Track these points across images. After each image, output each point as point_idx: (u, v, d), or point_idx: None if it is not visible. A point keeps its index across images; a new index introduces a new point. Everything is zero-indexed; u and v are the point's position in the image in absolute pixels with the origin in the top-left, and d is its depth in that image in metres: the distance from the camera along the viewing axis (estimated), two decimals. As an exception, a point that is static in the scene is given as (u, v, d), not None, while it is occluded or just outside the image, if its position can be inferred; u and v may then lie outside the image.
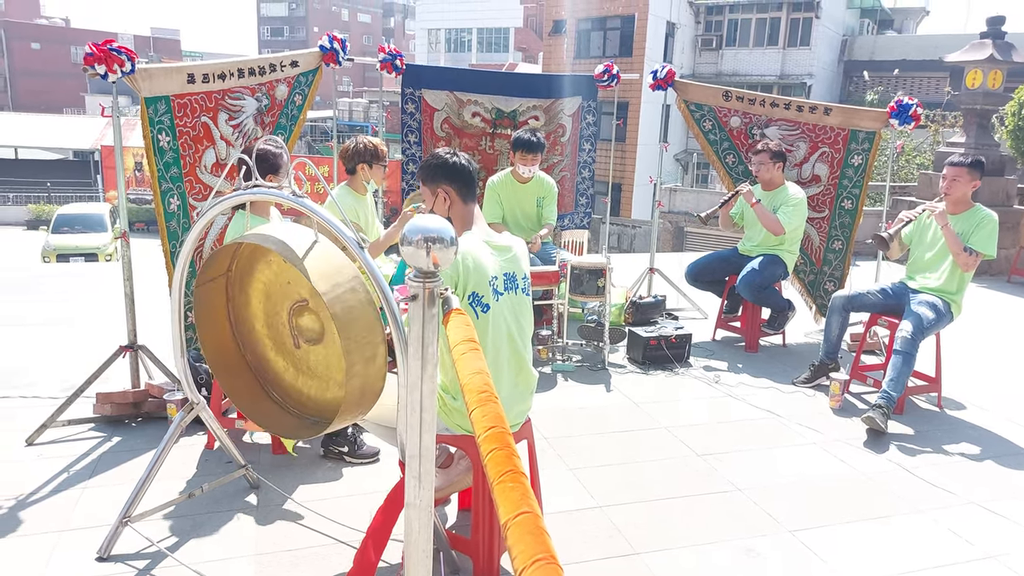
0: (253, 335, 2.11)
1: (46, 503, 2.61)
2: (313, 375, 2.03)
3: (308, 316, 1.96)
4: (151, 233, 16.45)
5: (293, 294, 1.99)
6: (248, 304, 2.10)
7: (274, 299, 2.05)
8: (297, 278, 1.98)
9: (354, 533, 2.46)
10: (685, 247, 15.29)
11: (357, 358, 1.75)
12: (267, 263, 2.05)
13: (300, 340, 1.98)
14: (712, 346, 4.78)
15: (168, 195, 3.40)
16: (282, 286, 2.01)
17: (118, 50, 3.03)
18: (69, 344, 4.37)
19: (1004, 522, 2.74)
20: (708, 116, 4.98)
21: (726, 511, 2.75)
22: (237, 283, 2.11)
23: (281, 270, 2.03)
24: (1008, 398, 4.06)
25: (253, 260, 2.09)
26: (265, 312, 2.08)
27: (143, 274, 3.41)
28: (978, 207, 3.69)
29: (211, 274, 2.07)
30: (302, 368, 2.05)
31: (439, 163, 2.26)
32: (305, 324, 1.97)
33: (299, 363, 2.05)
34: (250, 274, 2.10)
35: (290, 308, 1.99)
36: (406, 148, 5.11)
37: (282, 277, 2.01)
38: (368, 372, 1.80)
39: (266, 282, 2.06)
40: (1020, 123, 8.85)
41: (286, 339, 2.02)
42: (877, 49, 24.81)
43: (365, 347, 1.77)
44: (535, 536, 0.65)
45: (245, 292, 2.10)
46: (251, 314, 2.11)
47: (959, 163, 3.68)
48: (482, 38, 36.61)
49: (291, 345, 2.02)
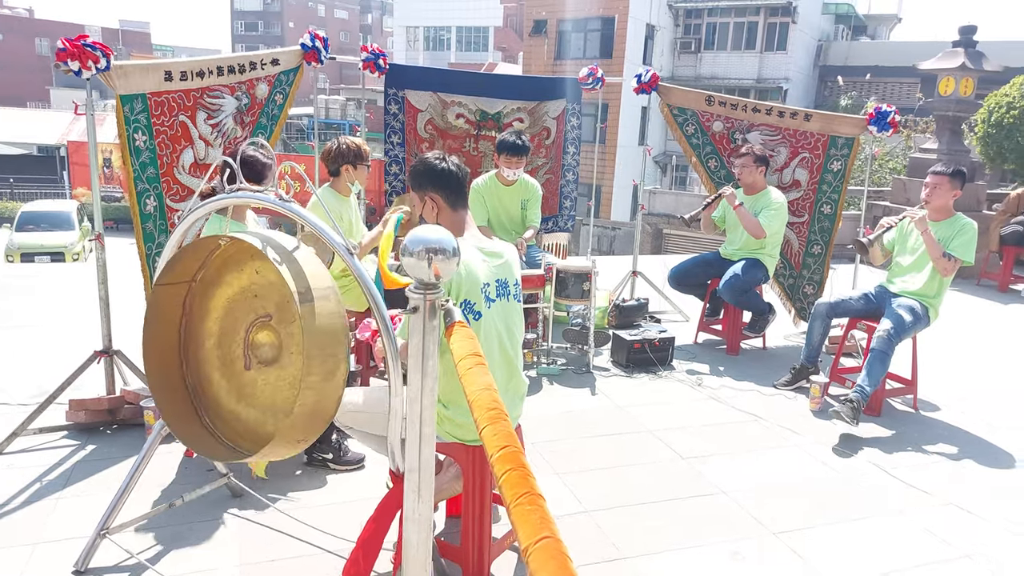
0: (200, 353, 2.01)
1: (18, 515, 2.52)
2: (254, 404, 1.94)
3: (267, 333, 1.89)
4: (120, 232, 16.08)
5: (258, 308, 1.92)
6: (205, 318, 2.01)
7: (236, 313, 1.96)
8: (265, 291, 1.92)
9: (340, 542, 2.42)
10: (664, 249, 15.41)
11: (317, 368, 1.69)
12: (239, 272, 1.98)
13: (253, 360, 1.91)
14: (694, 349, 4.82)
15: (144, 196, 3.31)
16: (248, 299, 1.94)
17: (92, 46, 2.94)
18: (38, 348, 4.25)
19: (980, 521, 2.80)
20: (691, 120, 5.01)
21: (711, 514, 2.77)
22: (199, 295, 2.02)
23: (251, 282, 1.96)
24: (981, 399, 4.15)
25: (224, 270, 2.01)
26: (221, 328, 1.98)
27: (115, 276, 3.31)
28: (958, 216, 3.77)
29: (175, 277, 1.99)
30: (245, 394, 1.96)
31: (426, 169, 2.21)
32: (262, 340, 1.89)
33: (243, 388, 1.96)
34: (216, 285, 2.01)
35: (251, 323, 1.92)
36: (389, 149, 5.05)
37: (250, 290, 1.94)
38: (324, 389, 1.73)
39: (231, 296, 1.97)
40: (990, 130, 9.08)
41: (236, 360, 1.93)
42: (851, 55, 25.27)
43: (327, 359, 1.72)
44: (558, 562, 0.63)
45: (205, 305, 2.01)
46: (205, 330, 2.01)
47: (941, 172, 3.75)
48: (461, 37, 36.49)
49: (240, 367, 1.93)
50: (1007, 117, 9.16)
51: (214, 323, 2.01)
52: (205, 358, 2.02)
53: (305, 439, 1.85)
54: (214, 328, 2.01)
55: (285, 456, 1.92)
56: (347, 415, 2.30)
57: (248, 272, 1.97)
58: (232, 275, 2.00)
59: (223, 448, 1.98)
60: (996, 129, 9.21)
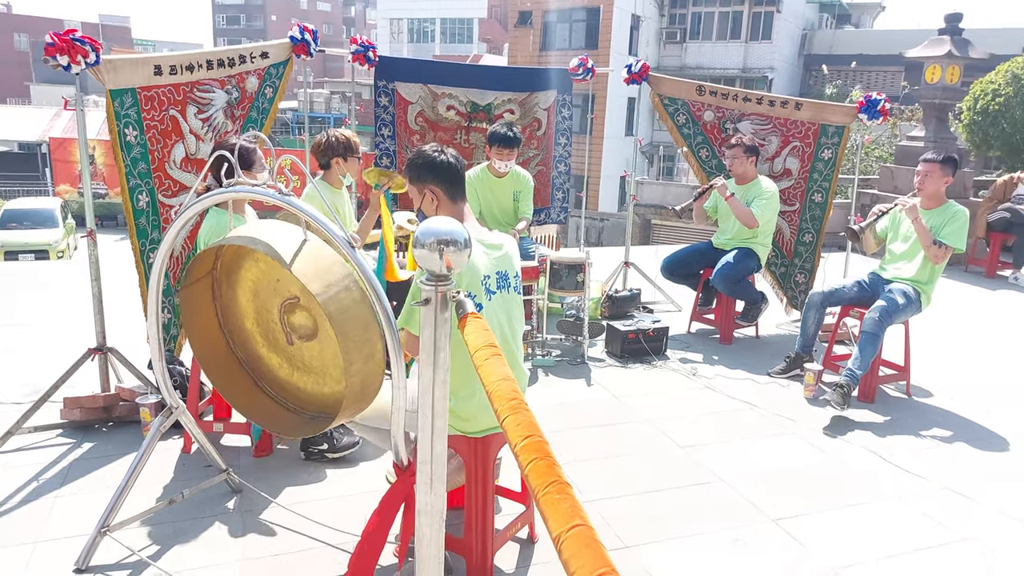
0: (243, 332, 2.05)
1: (17, 514, 2.50)
2: (308, 371, 1.98)
3: (300, 313, 1.91)
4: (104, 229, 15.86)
5: (283, 291, 1.93)
6: (235, 301, 2.04)
7: (263, 297, 1.98)
8: (287, 275, 1.93)
9: (341, 535, 2.42)
10: (652, 239, 15.44)
11: (356, 357, 1.72)
12: (254, 261, 1.99)
13: (293, 337, 1.93)
14: (688, 338, 4.84)
15: (136, 191, 3.28)
16: (271, 283, 1.95)
17: (82, 40, 2.89)
18: (29, 347, 4.20)
19: (976, 505, 2.84)
20: (682, 110, 5.02)
21: (711, 502, 2.79)
22: (223, 281, 2.04)
23: (269, 268, 1.96)
24: (972, 384, 4.20)
25: (239, 258, 2.02)
26: (255, 309, 2.02)
27: (104, 273, 3.27)
28: (950, 203, 3.80)
29: (195, 276, 2.00)
30: (296, 364, 1.99)
31: (424, 161, 2.20)
32: (297, 321, 1.91)
33: (293, 359, 2.00)
34: (236, 272, 2.04)
35: (281, 305, 1.93)
36: (380, 142, 5.03)
37: (271, 275, 1.95)
38: (367, 369, 1.77)
39: (254, 280, 1.99)
40: (976, 117, 9.17)
41: (278, 336, 1.96)
42: (836, 43, 25.39)
43: (363, 345, 1.74)
44: (592, 548, 0.63)
45: (232, 290, 2.03)
46: (240, 312, 2.04)
47: (932, 159, 3.76)
48: (446, 28, 36.23)
49: (284, 342, 1.96)
50: (993, 104, 9.25)
51: (246, 304, 2.04)
52: (249, 336, 2.08)
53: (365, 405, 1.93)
54: (248, 308, 2.05)
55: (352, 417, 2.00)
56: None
57: (262, 261, 1.97)
58: (248, 263, 2.01)
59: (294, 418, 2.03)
60: (982, 116, 9.31)
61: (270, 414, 2.02)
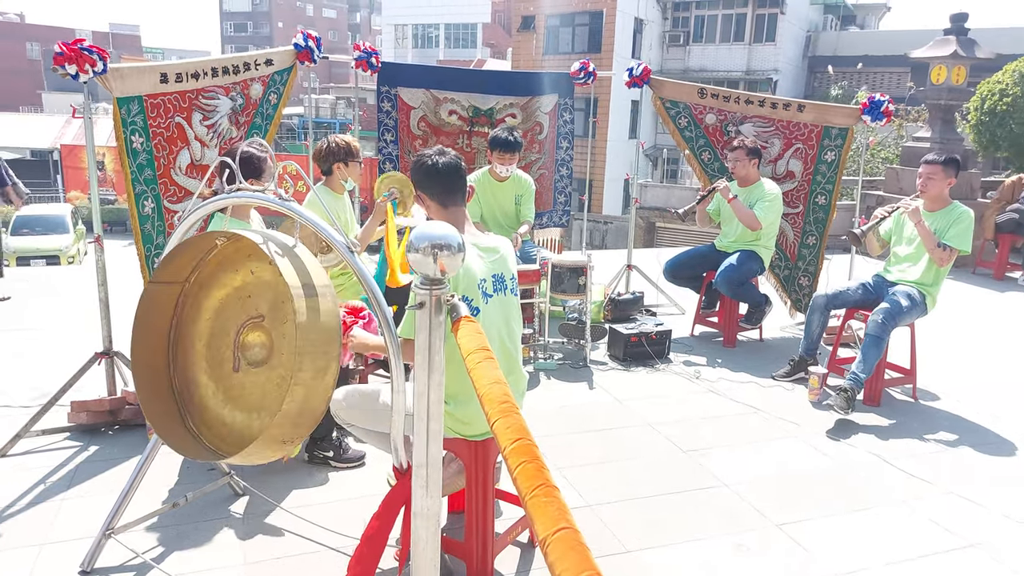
0: (190, 355, 2.00)
1: (24, 516, 2.53)
2: (241, 406, 1.93)
3: (259, 334, 1.89)
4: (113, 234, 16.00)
5: (251, 308, 1.91)
6: (196, 319, 2.01)
7: (227, 314, 1.96)
8: (260, 291, 1.92)
9: (343, 539, 2.43)
10: (656, 242, 15.43)
11: (308, 365, 1.69)
12: (234, 273, 1.98)
13: (242, 362, 1.91)
14: (691, 341, 4.83)
15: (142, 197, 3.31)
16: (241, 300, 1.94)
17: (89, 49, 2.93)
18: (38, 351, 4.24)
19: (983, 511, 2.82)
20: (684, 113, 5.02)
21: (713, 506, 2.79)
22: (192, 295, 2.02)
23: (245, 282, 1.96)
24: (979, 388, 4.18)
25: (219, 270, 2.01)
26: (211, 330, 1.98)
27: (112, 278, 3.31)
28: (955, 204, 3.77)
29: (169, 276, 1.99)
30: (232, 397, 1.95)
31: (416, 166, 2.22)
32: (253, 341, 1.89)
33: (230, 391, 1.96)
34: (209, 287, 2.01)
35: (242, 324, 1.92)
36: (383, 147, 5.05)
37: (244, 290, 1.94)
38: (314, 386, 1.72)
39: (224, 296, 1.97)
40: (983, 117, 9.12)
41: (225, 361, 1.93)
42: (841, 45, 25.33)
43: (320, 356, 1.72)
44: (577, 552, 0.64)
45: (198, 305, 2.01)
46: (195, 331, 2.01)
47: (934, 161, 3.74)
48: (450, 34, 36.37)
49: (228, 369, 1.93)
50: (1000, 105, 9.21)
51: (205, 325, 2.00)
52: (194, 360, 2.01)
53: (291, 439, 1.82)
54: (205, 330, 2.00)
55: (270, 458, 1.90)
56: (349, 412, 2.31)
57: (243, 273, 1.97)
58: (227, 275, 2.00)
59: (205, 451, 1.97)
60: (989, 117, 9.26)
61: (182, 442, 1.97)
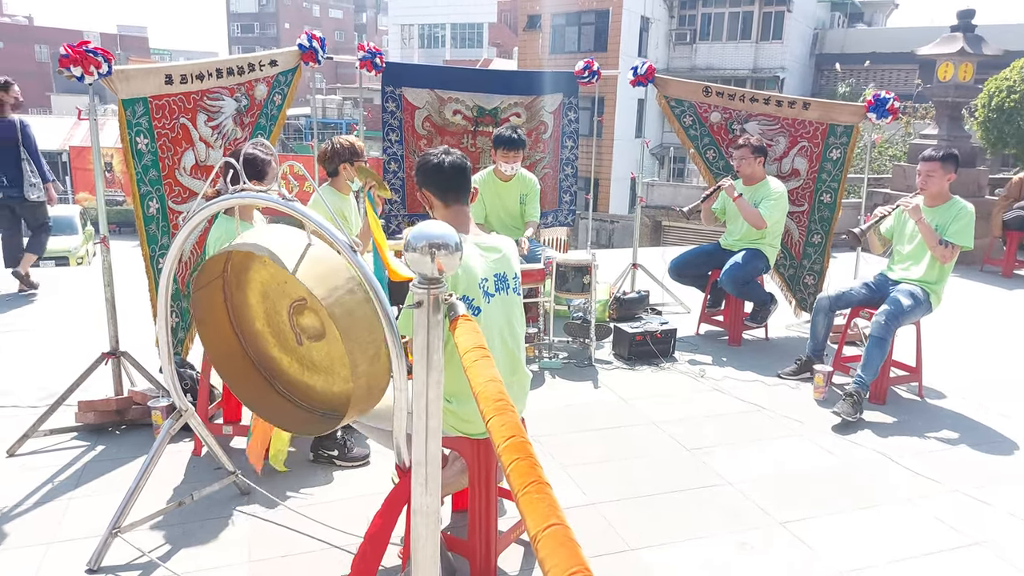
0: (255, 334, 2.11)
1: (32, 515, 2.55)
2: (318, 370, 2.03)
3: (308, 315, 1.95)
4: (122, 235, 16.10)
5: (291, 293, 1.97)
6: (246, 303, 2.09)
7: (272, 298, 2.03)
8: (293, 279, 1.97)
9: (348, 537, 2.44)
10: (662, 241, 15.40)
11: (361, 358, 1.75)
12: (262, 264, 2.03)
13: (302, 337, 1.97)
14: (696, 340, 4.83)
15: (147, 198, 3.33)
16: (279, 285, 2.00)
17: (94, 51, 2.95)
18: (46, 351, 4.27)
19: (988, 509, 2.81)
20: (688, 112, 5.01)
21: (717, 505, 2.79)
22: (234, 283, 2.09)
23: (276, 271, 2.00)
24: (986, 387, 4.15)
25: (248, 261, 2.07)
26: (265, 311, 2.07)
27: (120, 278, 3.34)
28: (955, 200, 3.76)
29: (205, 279, 2.05)
30: (307, 364, 2.04)
31: (420, 165, 2.24)
32: (306, 322, 1.96)
33: (303, 359, 2.04)
34: (245, 274, 2.09)
35: (289, 307, 1.97)
36: (387, 147, 5.07)
37: (278, 277, 1.99)
38: (373, 370, 1.80)
39: (263, 282, 2.04)
40: (990, 114, 9.06)
41: (288, 336, 2.01)
42: (848, 42, 25.20)
43: (368, 347, 1.77)
44: (567, 548, 0.64)
45: (243, 291, 2.08)
46: (251, 313, 2.10)
47: (931, 157, 3.72)
48: (456, 33, 36.42)
49: (294, 342, 2.01)
50: (1008, 101, 9.14)
51: (256, 305, 2.09)
52: (260, 336, 2.13)
53: (371, 404, 1.95)
54: (258, 310, 2.10)
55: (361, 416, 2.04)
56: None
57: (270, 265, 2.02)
58: (256, 265, 2.05)
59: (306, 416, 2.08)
60: (997, 114, 9.20)
61: (282, 412, 2.07)
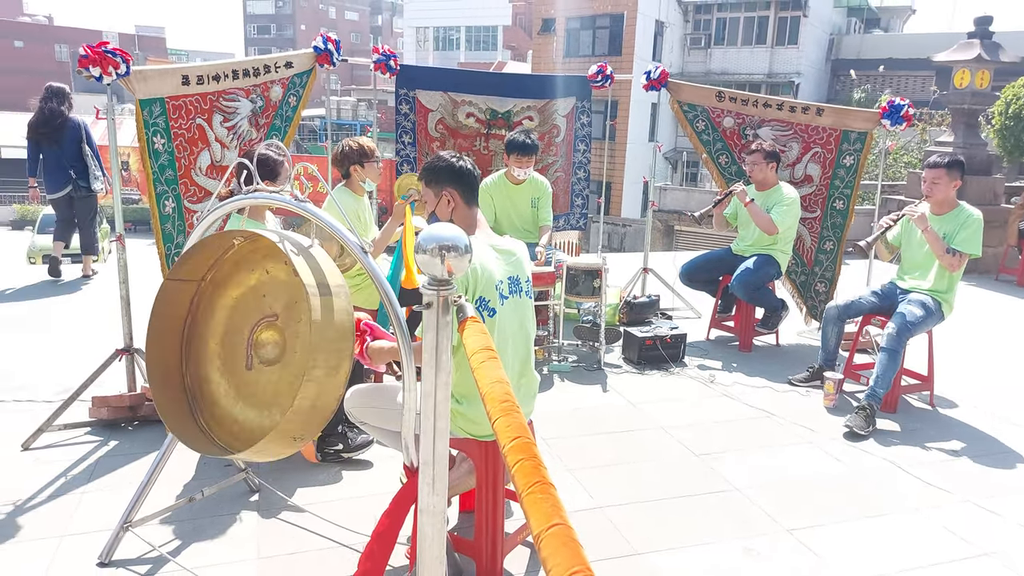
0: (202, 353, 2.04)
1: (44, 508, 2.59)
2: (253, 403, 1.96)
3: (272, 332, 1.92)
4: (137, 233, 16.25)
5: (265, 307, 1.95)
6: (211, 318, 2.04)
7: (242, 312, 1.99)
8: (275, 291, 1.96)
9: (356, 536, 2.46)
10: (675, 246, 15.36)
11: (322, 362, 1.72)
12: (249, 272, 2.01)
13: (255, 360, 1.94)
14: (706, 345, 4.81)
15: (163, 198, 3.38)
16: (257, 299, 1.97)
17: (113, 52, 3.00)
18: (61, 347, 4.33)
19: (999, 520, 2.78)
20: (701, 116, 5.01)
21: (724, 510, 2.78)
22: (207, 295, 2.05)
23: (261, 282, 1.99)
24: (998, 396, 4.11)
25: (235, 270, 2.04)
26: (225, 329, 2.01)
27: (135, 276, 3.38)
28: (962, 207, 3.72)
29: (186, 274, 2.03)
30: (244, 394, 1.98)
31: (444, 166, 2.24)
32: (266, 340, 1.92)
33: (242, 388, 1.99)
34: (225, 286, 2.04)
35: (256, 323, 1.95)
36: (400, 149, 5.09)
37: (259, 289, 1.98)
38: (327, 384, 1.75)
39: (239, 295, 2.01)
40: (1007, 122, 8.96)
41: (238, 359, 1.97)
42: (864, 48, 25.05)
43: (332, 354, 1.75)
44: (569, 548, 0.65)
45: (212, 305, 2.04)
46: (209, 330, 2.04)
47: (937, 164, 3.69)
48: (471, 36, 36.54)
49: (241, 366, 1.96)
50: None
51: (219, 323, 2.04)
52: (207, 357, 2.05)
53: (302, 436, 1.85)
54: (218, 329, 2.04)
55: (280, 455, 1.93)
56: (362, 411, 2.34)
57: (259, 272, 2.01)
58: (243, 275, 2.04)
59: (215, 447, 2.02)
60: (1014, 121, 9.10)
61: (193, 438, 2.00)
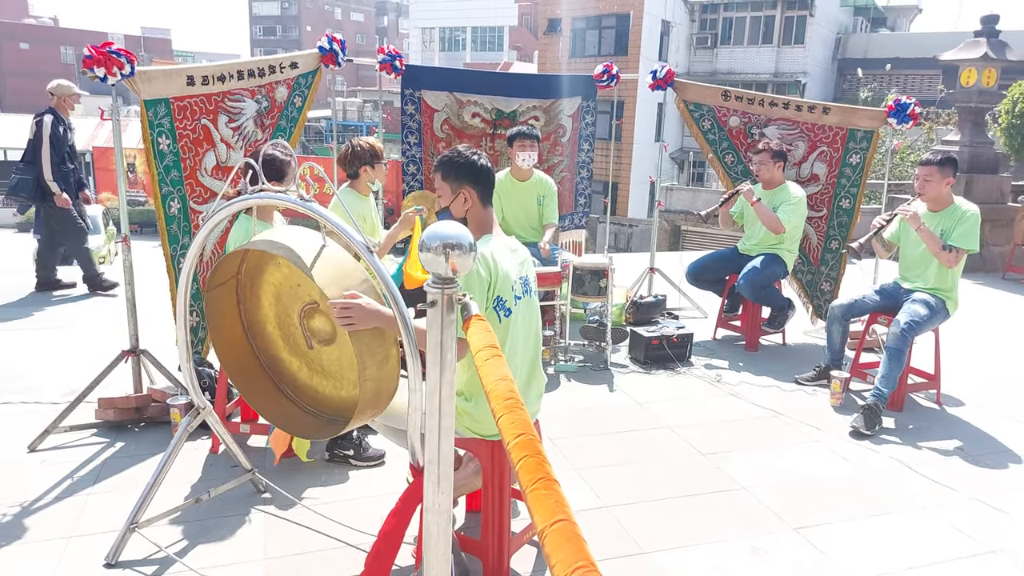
0: (265, 336, 2.13)
1: (51, 510, 2.60)
2: (327, 375, 2.04)
3: (319, 318, 1.96)
4: (143, 235, 16.34)
5: (304, 296, 1.99)
6: (259, 306, 2.11)
7: (284, 301, 2.05)
8: (307, 280, 1.99)
9: (362, 536, 2.46)
10: (682, 246, 15.33)
11: (370, 362, 1.76)
12: (276, 266, 2.05)
13: (312, 341, 1.99)
14: (713, 345, 4.80)
15: (168, 198, 3.39)
16: (292, 288, 2.02)
17: (117, 52, 3.01)
18: (68, 348, 4.35)
19: (1006, 517, 2.77)
20: (707, 116, 4.99)
21: (731, 510, 2.77)
22: (247, 285, 2.11)
23: (291, 273, 2.03)
24: (1005, 394, 4.09)
25: (262, 263, 2.09)
26: (276, 314, 2.09)
27: (141, 277, 3.39)
28: (957, 203, 3.70)
29: (219, 279, 2.07)
30: (315, 368, 2.05)
31: (465, 163, 2.17)
32: (317, 326, 1.97)
33: (312, 363, 2.06)
34: (259, 276, 2.11)
35: (301, 310, 1.99)
36: (406, 149, 5.10)
37: (292, 280, 2.02)
38: (381, 375, 1.81)
39: (276, 284, 2.06)
40: (1014, 121, 8.91)
41: (299, 340, 2.03)
42: (871, 47, 24.93)
43: (377, 350, 1.78)
44: (573, 543, 0.65)
45: (256, 294, 2.11)
46: (262, 316, 2.12)
47: (928, 161, 3.69)
48: (476, 37, 36.57)
49: (304, 346, 2.03)
50: (1032, 107, 8.97)
51: (268, 308, 2.12)
52: (270, 339, 2.14)
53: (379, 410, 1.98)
54: (270, 312, 2.12)
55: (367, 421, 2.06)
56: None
57: (284, 266, 2.04)
58: (271, 268, 2.08)
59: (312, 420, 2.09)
60: (1020, 120, 9.03)
61: (289, 416, 2.08)
